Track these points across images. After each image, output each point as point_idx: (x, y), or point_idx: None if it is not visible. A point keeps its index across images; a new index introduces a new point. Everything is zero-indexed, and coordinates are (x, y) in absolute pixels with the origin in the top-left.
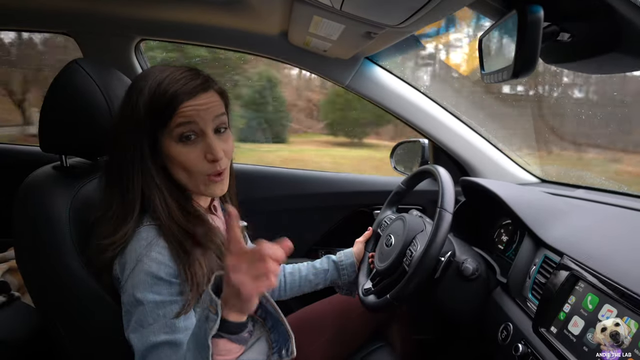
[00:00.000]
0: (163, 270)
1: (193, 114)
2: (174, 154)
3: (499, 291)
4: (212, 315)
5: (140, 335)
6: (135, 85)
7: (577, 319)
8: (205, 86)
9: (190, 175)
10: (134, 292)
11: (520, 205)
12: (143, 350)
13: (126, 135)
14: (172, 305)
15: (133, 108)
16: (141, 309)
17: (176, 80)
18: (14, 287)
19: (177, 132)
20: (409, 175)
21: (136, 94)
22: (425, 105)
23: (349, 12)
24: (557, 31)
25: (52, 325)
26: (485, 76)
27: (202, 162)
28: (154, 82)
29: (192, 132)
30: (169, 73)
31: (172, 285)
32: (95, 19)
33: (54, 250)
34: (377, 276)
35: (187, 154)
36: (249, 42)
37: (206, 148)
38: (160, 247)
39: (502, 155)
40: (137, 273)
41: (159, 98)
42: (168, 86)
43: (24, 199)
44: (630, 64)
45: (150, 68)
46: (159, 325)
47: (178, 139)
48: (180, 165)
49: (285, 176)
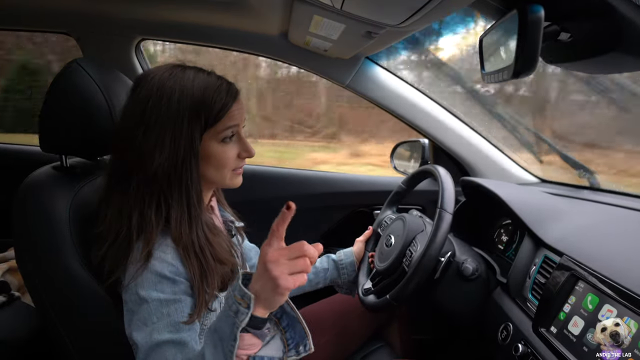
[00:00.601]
0: (167, 269)
1: (238, 117)
2: (214, 153)
3: (498, 291)
4: (243, 309)
5: (144, 333)
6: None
7: (577, 319)
8: (239, 91)
9: (222, 171)
10: (138, 290)
11: (520, 205)
12: (147, 349)
13: (171, 141)
14: (177, 304)
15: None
16: (145, 307)
17: (219, 86)
18: (14, 287)
19: (224, 133)
20: (409, 175)
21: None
22: (425, 105)
23: (350, 11)
24: (557, 31)
25: (52, 326)
26: (485, 76)
27: (235, 159)
28: (198, 85)
29: (233, 132)
30: (205, 76)
31: (177, 283)
32: (96, 19)
33: (54, 250)
34: (377, 276)
35: (226, 152)
36: (249, 42)
37: (242, 147)
38: (163, 246)
39: (502, 155)
40: (142, 271)
41: (212, 102)
42: (217, 90)
43: (24, 199)
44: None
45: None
46: (163, 323)
47: (222, 139)
48: (218, 162)
49: (285, 176)
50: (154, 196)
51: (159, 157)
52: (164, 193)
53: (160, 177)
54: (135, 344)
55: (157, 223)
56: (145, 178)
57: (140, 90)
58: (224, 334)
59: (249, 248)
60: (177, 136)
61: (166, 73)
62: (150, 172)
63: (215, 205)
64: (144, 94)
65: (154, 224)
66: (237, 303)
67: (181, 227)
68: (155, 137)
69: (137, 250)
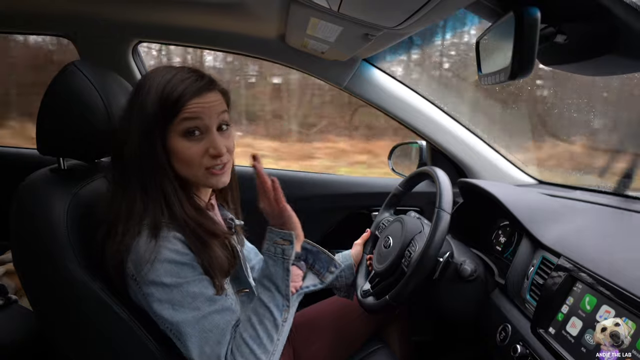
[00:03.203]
0: (183, 257)
1: (198, 111)
2: (178, 148)
3: (497, 292)
4: (288, 247)
5: (186, 313)
6: (141, 85)
7: (575, 320)
8: (210, 86)
9: (192, 169)
10: (163, 280)
11: (518, 207)
12: (194, 324)
13: (137, 134)
14: (203, 282)
15: (141, 107)
16: (177, 291)
17: (183, 80)
18: (12, 290)
19: (182, 126)
20: (406, 177)
21: (144, 93)
22: (422, 107)
23: (347, 14)
24: (554, 33)
25: (50, 329)
26: (482, 78)
27: (204, 157)
28: (162, 80)
29: (196, 127)
30: (176, 73)
31: (195, 268)
32: (93, 21)
33: (51, 253)
34: (376, 278)
35: (190, 148)
36: (246, 45)
37: (209, 144)
38: (172, 238)
39: (500, 157)
40: (159, 264)
41: (167, 96)
42: (176, 85)
43: (21, 202)
44: (627, 65)
45: (155, 69)
46: (200, 300)
47: (183, 134)
48: (183, 159)
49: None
50: (136, 187)
51: (129, 149)
52: (141, 183)
53: (135, 168)
54: (178, 325)
55: (143, 212)
56: (124, 171)
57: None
58: (277, 274)
59: (248, 249)
60: (145, 131)
61: (150, 72)
62: (126, 164)
63: (215, 203)
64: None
65: (140, 213)
66: (279, 246)
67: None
68: (128, 131)
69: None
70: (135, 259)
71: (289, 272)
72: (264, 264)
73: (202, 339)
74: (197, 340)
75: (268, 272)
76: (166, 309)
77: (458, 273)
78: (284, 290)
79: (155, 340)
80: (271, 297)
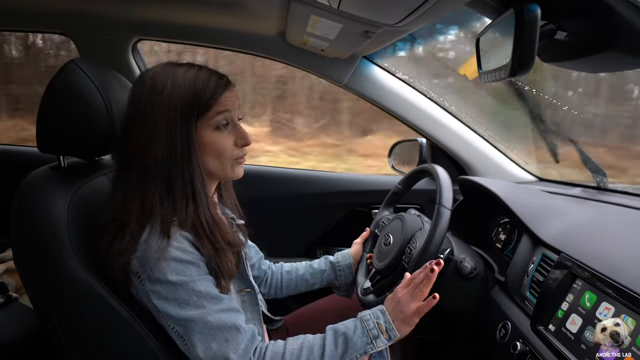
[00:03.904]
0: (190, 256)
1: (229, 104)
2: (210, 141)
3: (497, 290)
4: (384, 340)
5: (192, 311)
6: (158, 82)
7: (575, 317)
8: (230, 81)
9: (222, 161)
10: (169, 278)
11: (518, 204)
12: (201, 322)
13: (166, 131)
14: (207, 282)
15: (170, 102)
16: (182, 290)
17: (209, 76)
18: (12, 288)
19: (216, 120)
20: (406, 174)
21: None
22: (422, 104)
23: (347, 11)
24: (554, 30)
25: (50, 327)
26: (482, 75)
27: (233, 147)
28: (188, 77)
29: (226, 120)
30: (196, 70)
31: (200, 267)
32: (93, 19)
33: (51, 251)
34: (376, 275)
35: (222, 140)
36: (246, 42)
37: (238, 134)
38: (178, 236)
39: (500, 154)
40: (165, 262)
41: (201, 91)
42: (206, 81)
43: (21, 199)
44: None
45: (162, 66)
46: (206, 299)
47: (215, 127)
48: (215, 151)
49: (284, 176)
50: (157, 184)
51: (155, 146)
52: (165, 181)
53: (160, 165)
54: (184, 322)
55: (161, 210)
56: (145, 168)
57: (137, 87)
58: (354, 345)
59: (248, 247)
60: (171, 126)
61: (159, 69)
62: (149, 162)
63: (217, 201)
64: (139, 90)
65: (158, 212)
66: (378, 330)
67: (187, 210)
68: (150, 128)
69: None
70: (141, 256)
71: (364, 354)
72: (353, 323)
73: (208, 335)
74: (203, 336)
75: (350, 335)
76: (172, 306)
77: (458, 270)
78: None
79: (155, 338)
80: (333, 353)
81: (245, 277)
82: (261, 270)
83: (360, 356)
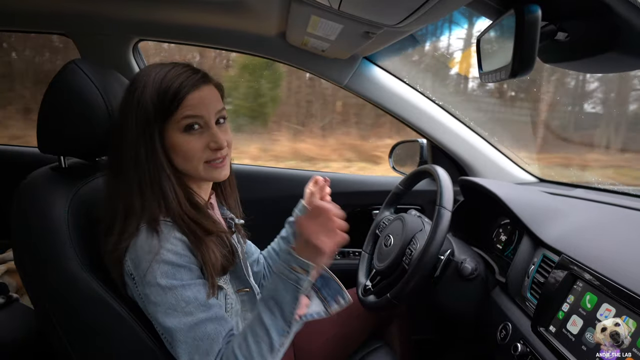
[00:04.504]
0: (181, 259)
1: (198, 105)
2: (178, 143)
3: (497, 291)
4: (303, 276)
5: (178, 318)
6: (136, 81)
7: (575, 318)
8: (205, 80)
9: (191, 163)
10: (159, 281)
11: (519, 205)
12: (186, 331)
13: (134, 131)
14: (197, 286)
15: (138, 103)
16: (171, 295)
17: (179, 74)
18: (13, 289)
19: (183, 122)
20: (407, 175)
21: (140, 89)
22: (423, 105)
23: (347, 11)
24: (554, 30)
25: (51, 327)
26: (483, 76)
27: (204, 151)
28: (158, 76)
29: (196, 122)
30: (170, 68)
31: (192, 270)
32: (93, 20)
33: (52, 252)
34: (377, 276)
35: (190, 142)
36: (246, 43)
37: (210, 138)
38: (173, 238)
39: (501, 155)
40: (157, 265)
41: (165, 90)
42: (173, 79)
43: (22, 200)
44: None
45: (149, 65)
46: (194, 305)
47: (183, 129)
48: (183, 153)
49: (284, 176)
50: (133, 184)
51: (126, 146)
52: (137, 181)
53: (133, 165)
54: (170, 330)
55: (139, 210)
56: (123, 168)
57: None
58: (284, 300)
59: (248, 244)
60: (138, 127)
61: (145, 69)
62: (124, 162)
63: (215, 202)
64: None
65: (138, 211)
66: (295, 272)
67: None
68: (123, 128)
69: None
70: (134, 257)
71: (298, 301)
72: (272, 283)
73: (192, 346)
74: (187, 347)
75: (276, 294)
76: (159, 312)
77: (459, 271)
78: (289, 317)
79: (155, 339)
80: (273, 320)
81: (243, 277)
82: (261, 265)
83: (297, 304)
